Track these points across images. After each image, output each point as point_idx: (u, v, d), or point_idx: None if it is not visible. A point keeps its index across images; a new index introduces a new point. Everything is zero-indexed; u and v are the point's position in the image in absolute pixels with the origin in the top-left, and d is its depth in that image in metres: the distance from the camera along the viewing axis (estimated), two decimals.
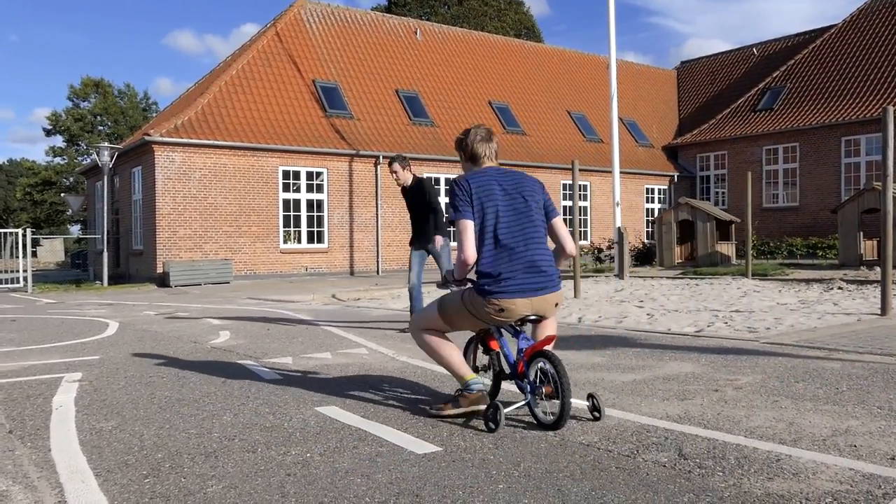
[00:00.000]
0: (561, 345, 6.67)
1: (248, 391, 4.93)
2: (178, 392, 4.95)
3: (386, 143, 22.50)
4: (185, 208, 19.04)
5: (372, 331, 8.23)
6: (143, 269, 20.16)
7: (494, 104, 26.99)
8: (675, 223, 19.26)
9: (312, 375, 5.47)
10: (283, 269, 20.44)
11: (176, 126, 19.13)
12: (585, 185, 27.07)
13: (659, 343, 6.70)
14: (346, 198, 21.57)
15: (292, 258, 20.73)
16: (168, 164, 18.83)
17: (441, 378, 5.20)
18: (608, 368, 5.45)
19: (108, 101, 50.89)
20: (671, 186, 30.22)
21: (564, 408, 3.52)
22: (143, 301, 13.98)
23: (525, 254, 3.57)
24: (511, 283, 3.53)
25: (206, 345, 7.37)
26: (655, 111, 33.52)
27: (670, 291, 12.69)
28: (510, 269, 3.54)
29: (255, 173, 20.02)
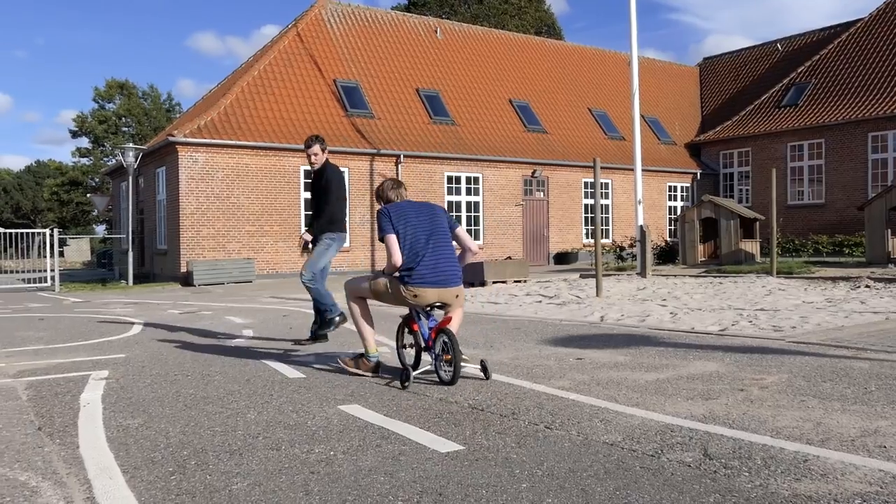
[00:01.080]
0: (583, 343, 6.65)
1: (271, 389, 4.96)
2: (203, 390, 5.00)
3: (407, 142, 22.53)
4: (208, 208, 19.20)
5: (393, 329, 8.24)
6: (168, 268, 20.36)
7: (515, 102, 26.92)
8: (699, 221, 19.09)
9: (335, 374, 5.49)
10: None
11: (199, 127, 19.30)
12: (607, 182, 26.92)
13: (682, 342, 6.65)
14: (368, 197, 21.63)
15: None
16: (191, 165, 19.00)
17: (462, 378, 5.19)
18: (631, 367, 5.41)
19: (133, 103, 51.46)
20: (694, 184, 29.97)
21: (456, 369, 4.83)
22: (167, 300, 14.12)
23: (432, 257, 4.93)
24: (421, 277, 4.90)
25: (229, 343, 7.42)
26: (678, 108, 33.26)
27: (694, 290, 12.59)
28: (421, 267, 4.89)
29: (277, 173, 20.15)
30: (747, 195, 29.34)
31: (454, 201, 23.36)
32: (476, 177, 23.77)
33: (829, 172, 26.59)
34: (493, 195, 24.06)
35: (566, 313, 9.41)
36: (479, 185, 23.85)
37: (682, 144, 31.35)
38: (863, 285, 12.02)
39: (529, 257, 24.08)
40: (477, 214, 23.85)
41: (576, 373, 5.27)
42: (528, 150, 25.19)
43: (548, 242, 25.46)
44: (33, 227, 55.26)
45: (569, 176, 25.96)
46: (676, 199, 29.58)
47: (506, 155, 24.24)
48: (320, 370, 5.67)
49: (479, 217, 23.89)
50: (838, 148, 26.37)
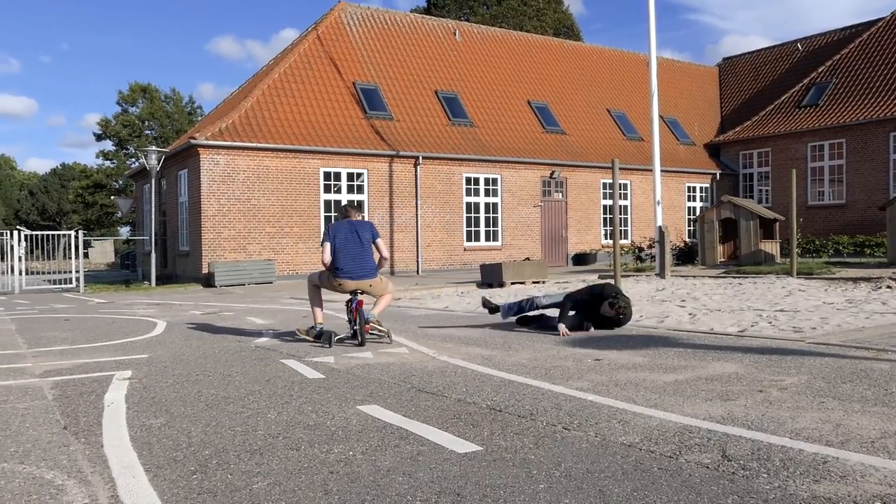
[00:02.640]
0: (601, 344, 6.63)
1: (291, 390, 5.00)
2: (224, 390, 5.04)
3: (425, 143, 22.57)
4: (229, 210, 19.35)
5: (412, 330, 8.27)
6: (190, 269, 20.54)
7: (533, 104, 26.87)
8: (718, 221, 18.95)
9: (354, 374, 5.52)
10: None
11: (220, 129, 19.45)
12: (626, 183, 26.79)
13: (701, 343, 6.61)
14: (387, 198, 21.69)
15: None
16: (213, 167, 19.16)
17: (481, 378, 5.20)
18: (650, 368, 5.39)
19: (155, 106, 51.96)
20: (713, 185, 29.74)
21: (362, 335, 7.00)
22: (189, 301, 14.25)
23: (350, 259, 7.17)
24: (343, 272, 7.18)
25: (250, 344, 7.48)
26: (697, 109, 33.02)
27: (713, 291, 12.50)
28: (341, 266, 7.16)
29: (297, 175, 20.26)
30: (767, 196, 29.06)
31: (473, 202, 23.36)
32: (495, 178, 23.76)
33: (850, 172, 26.28)
34: (512, 196, 24.03)
35: None
36: (498, 187, 23.83)
37: (702, 145, 31.11)
38: (884, 286, 11.87)
39: (548, 258, 24.02)
40: (495, 215, 23.83)
41: (594, 374, 5.25)
42: (547, 151, 25.13)
43: (566, 243, 25.39)
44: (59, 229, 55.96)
45: (587, 177, 25.87)
46: (695, 200, 29.37)
47: (524, 156, 24.21)
48: (339, 371, 5.70)
49: (497, 218, 23.86)
50: (859, 148, 26.05)
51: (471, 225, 23.39)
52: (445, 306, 11.93)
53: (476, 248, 23.32)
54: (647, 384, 4.82)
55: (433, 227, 22.52)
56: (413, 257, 22.15)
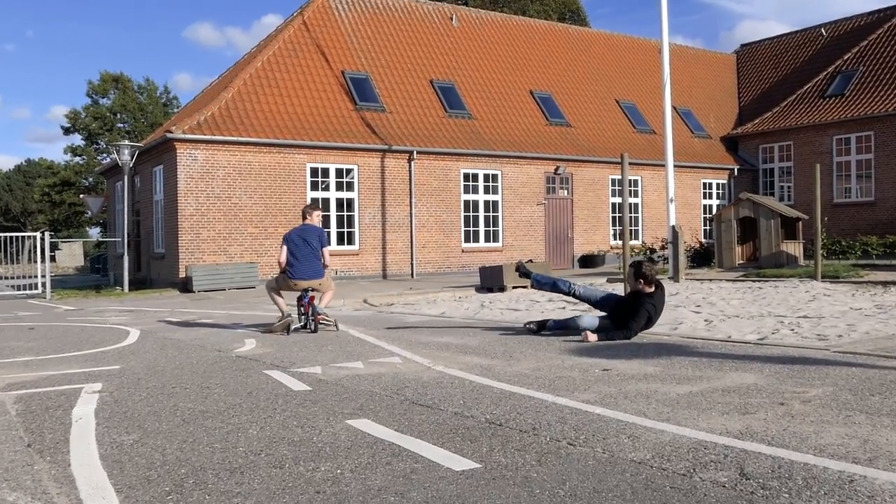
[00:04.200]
0: (609, 353, 6.64)
1: (274, 403, 5.00)
2: (202, 404, 5.04)
3: (420, 137, 22.59)
4: (208, 209, 19.34)
5: (406, 338, 8.27)
6: (165, 273, 20.52)
7: (536, 94, 26.91)
8: (736, 220, 18.98)
9: (343, 386, 5.51)
10: None
11: (198, 122, 19.45)
12: (636, 179, 26.83)
13: (718, 352, 6.62)
14: (378, 196, 21.71)
15: None
16: (190, 163, 19.15)
17: (480, 389, 5.21)
18: (661, 379, 5.39)
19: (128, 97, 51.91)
20: (731, 181, 29.79)
21: (315, 325, 8.96)
22: (164, 307, 14.24)
23: (304, 263, 9.09)
24: (296, 273, 9.06)
25: (230, 353, 7.48)
26: (713, 99, 33.09)
27: (730, 295, 12.51)
28: (295, 268, 9.07)
29: (282, 171, 20.26)
30: (789, 192, 29.11)
31: (471, 200, 23.38)
32: (495, 174, 23.78)
33: (880, 167, 26.33)
34: (513, 193, 24.06)
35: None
36: (498, 183, 23.85)
37: (718, 138, 31.17)
38: None
39: (552, 260, 24.04)
40: (495, 214, 23.85)
41: (602, 385, 5.26)
42: (551, 145, 25.16)
43: (572, 244, 25.42)
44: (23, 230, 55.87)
45: (595, 172, 25.90)
46: (712, 197, 29.42)
47: (527, 150, 24.24)
48: (327, 383, 5.70)
49: (497, 217, 23.88)
50: (889, 141, 26.11)
51: (469, 224, 23.42)
52: (442, 312, 11.92)
53: (475, 250, 23.34)
54: (659, 396, 4.82)
55: (429, 227, 22.53)
56: (407, 259, 22.16)
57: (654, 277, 7.79)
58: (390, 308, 13.53)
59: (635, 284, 7.83)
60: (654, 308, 7.63)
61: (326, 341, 8.20)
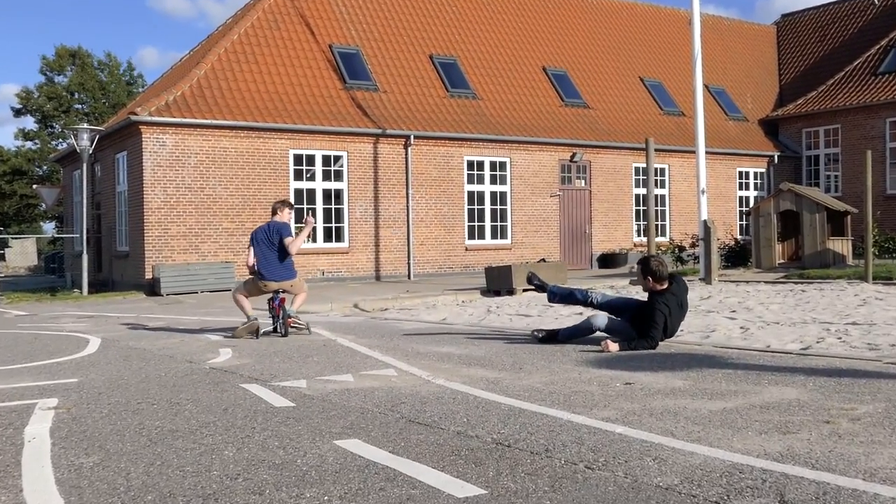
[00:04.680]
0: (632, 365, 6.64)
1: (253, 421, 5.00)
2: (171, 422, 5.04)
3: (418, 119, 22.59)
4: (178, 201, 19.36)
5: (402, 348, 8.28)
6: (129, 274, 20.54)
7: (550, 71, 26.91)
8: (776, 214, 18.97)
9: (330, 402, 5.52)
10: None
11: (167, 103, 19.46)
12: (663, 168, 26.82)
13: (755, 363, 6.62)
14: (371, 187, 21.72)
15: (306, 260, 20.93)
16: (158, 149, 19.17)
17: (486, 405, 5.21)
18: (692, 394, 5.40)
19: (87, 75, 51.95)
20: (770, 169, 29.79)
21: (286, 328, 9.46)
22: (129, 312, 14.25)
23: (272, 263, 9.66)
24: (267, 274, 9.61)
25: (203, 365, 7.49)
26: (750, 77, 33.08)
27: (770, 299, 12.51)
28: (264, 270, 9.62)
29: (262, 158, 20.27)
30: (836, 183, 29.10)
31: (476, 191, 23.39)
32: (502, 161, 23.79)
33: None
34: (524, 184, 24.07)
35: None
36: (507, 172, 23.86)
37: (756, 121, 31.16)
38: None
39: (568, 259, 24.06)
40: (503, 207, 23.85)
41: (623, 401, 5.26)
42: (567, 129, 25.16)
43: (590, 241, 25.43)
44: None
45: (616, 160, 25.90)
46: (748, 188, 29.42)
47: (539, 135, 24.24)
48: (312, 398, 5.70)
49: (506, 210, 23.89)
50: None
51: (474, 219, 23.43)
52: (443, 318, 11.92)
53: (480, 248, 23.35)
54: (689, 413, 4.83)
55: (428, 222, 22.54)
56: (403, 258, 22.17)
57: (666, 273, 7.74)
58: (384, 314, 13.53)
59: (645, 284, 7.81)
60: (668, 308, 7.58)
61: (311, 351, 8.21)
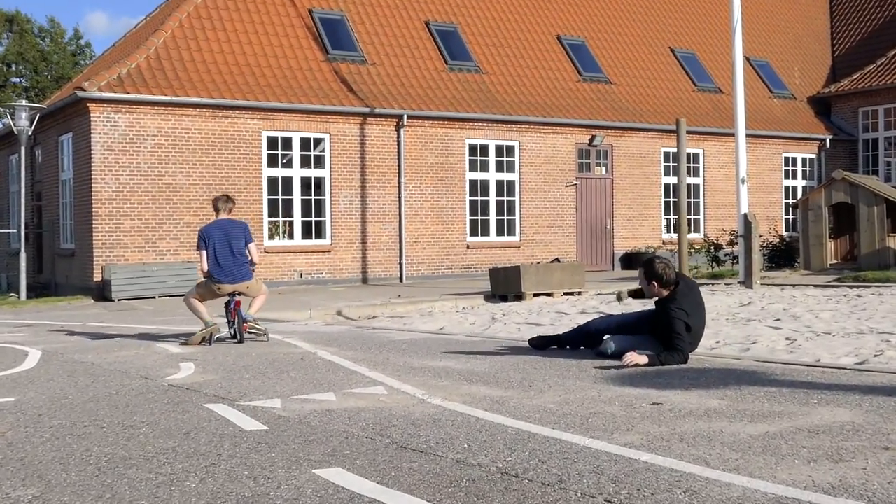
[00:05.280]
0: (660, 382, 6.64)
1: (219, 446, 5.00)
2: (124, 448, 5.04)
3: (412, 96, 22.57)
4: (132, 191, 19.33)
5: (393, 362, 8.27)
6: (76, 275, 20.52)
7: (565, 40, 26.89)
8: (828, 207, 18.98)
9: (309, 425, 5.51)
10: (268, 274, 20.64)
11: (119, 77, 19.43)
12: (696, 153, 26.81)
13: (803, 379, 6.62)
14: (357, 174, 21.69)
15: (281, 260, 20.93)
16: (109, 130, 19.14)
17: (490, 429, 5.21)
18: (729, 416, 5.40)
19: (26, 43, 51.92)
20: (821, 154, 29.78)
21: (241, 333, 10.08)
22: (74, 321, 14.22)
23: (226, 263, 10.09)
24: (221, 276, 10.08)
25: (161, 382, 7.47)
26: (798, 47, 33.08)
27: (820, 306, 12.51)
28: (220, 270, 10.08)
29: (231, 141, 20.25)
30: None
31: (479, 180, 23.38)
32: (510, 145, 23.78)
33: None
34: (535, 171, 24.05)
35: None
36: (515, 158, 23.85)
37: (805, 99, 31.16)
38: None
39: (586, 259, 24.06)
40: (511, 199, 23.84)
41: (650, 423, 5.26)
42: (585, 108, 25.15)
43: (612, 238, 25.41)
44: None
45: (642, 144, 25.89)
46: (796, 177, 29.42)
47: (552, 115, 24.23)
48: (288, 420, 5.70)
49: (513, 202, 23.88)
50: None
51: (476, 212, 23.42)
52: (440, 328, 11.91)
53: (484, 245, 23.35)
54: (726, 438, 4.83)
55: (423, 216, 22.53)
56: (394, 258, 22.16)
57: (674, 276, 7.73)
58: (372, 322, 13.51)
59: (651, 290, 7.82)
60: (685, 311, 7.59)
61: (287, 366, 8.20)
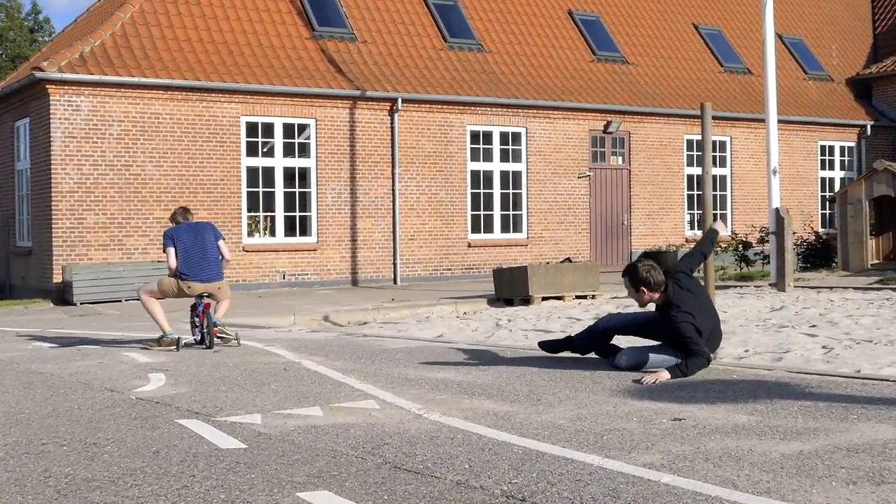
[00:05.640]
0: (682, 395, 6.63)
1: (193, 467, 4.99)
2: (86, 468, 5.03)
3: (408, 78, 22.54)
4: (96, 183, 19.30)
5: (386, 373, 8.27)
6: (33, 276, 20.50)
7: (577, 15, 26.87)
8: (868, 202, 18.97)
9: (293, 442, 5.50)
10: (247, 275, 20.64)
11: (82, 56, 19.40)
12: (723, 141, 26.79)
13: (841, 392, 6.62)
14: (346, 164, 21.67)
15: (261, 259, 20.90)
16: (71, 115, 19.11)
17: (494, 447, 5.20)
18: (759, 433, 5.39)
19: None
20: (861, 143, 29.77)
21: (211, 337, 10.33)
22: (31, 326, 14.20)
23: (197, 261, 10.55)
24: (193, 275, 10.50)
25: (128, 394, 7.46)
26: (835, 23, 33.06)
27: (860, 310, 12.50)
28: (190, 269, 10.51)
29: (206, 128, 20.22)
30: None
31: (482, 171, 23.36)
32: (517, 132, 23.76)
33: None
34: (543, 161, 24.03)
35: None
36: (522, 146, 23.83)
37: (843, 80, 31.14)
38: None
39: (600, 259, 24.05)
40: (517, 192, 23.82)
41: (671, 441, 5.26)
42: (599, 91, 25.13)
43: (629, 235, 25.40)
44: None
45: (663, 131, 25.87)
46: (833, 167, 29.41)
47: (563, 98, 24.21)
48: (270, 437, 5.69)
49: (520, 196, 23.85)
50: None
51: (479, 207, 23.41)
52: (438, 335, 11.90)
53: (487, 243, 23.33)
54: (755, 458, 4.82)
55: (419, 211, 22.51)
56: (387, 257, 22.14)
57: (661, 277, 7.71)
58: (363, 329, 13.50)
59: (641, 298, 7.85)
60: (691, 314, 7.59)
61: (268, 377, 8.18)
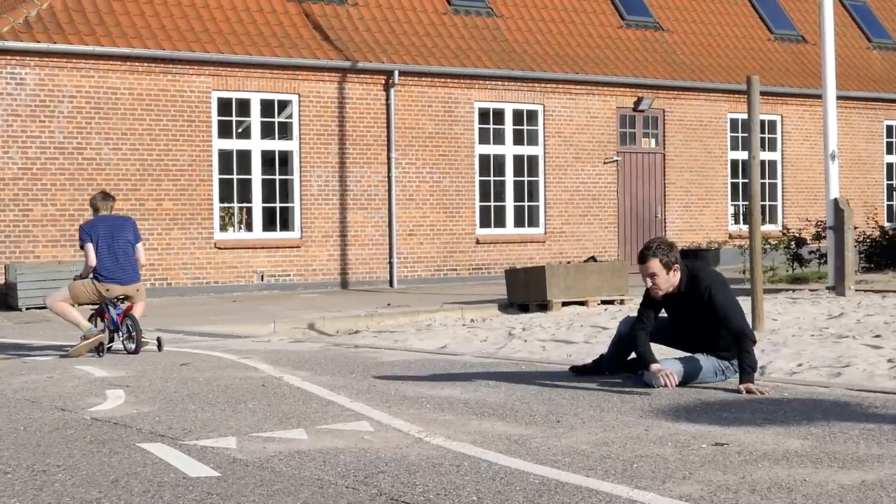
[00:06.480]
0: (724, 417, 6.64)
1: (157, 498, 5.00)
2: (34, 499, 5.04)
3: (406, 47, 22.53)
4: (44, 168, 19.32)
5: (381, 390, 8.29)
6: None
7: None
8: None
9: (273, 470, 5.51)
10: (220, 276, 20.64)
11: (27, 20, 19.40)
12: (773, 120, 26.75)
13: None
14: (334, 147, 21.66)
15: (236, 258, 20.91)
16: (14, 90, 19.13)
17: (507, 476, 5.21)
18: (814, 460, 5.40)
19: None
20: None
21: (138, 343, 11.33)
22: None
23: (116, 261, 11.60)
24: (111, 277, 11.55)
25: (83, 414, 7.47)
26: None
27: None
28: (108, 270, 11.53)
29: (171, 104, 20.22)
30: None
31: (492, 155, 23.34)
32: (533, 110, 23.75)
33: None
34: (564, 143, 24.02)
35: None
36: (538, 126, 23.82)
37: None
38: None
39: (629, 258, 24.00)
40: (533, 179, 23.79)
41: (712, 470, 5.26)
42: (629, 62, 25.11)
43: (663, 230, 25.36)
44: None
45: (703, 108, 25.84)
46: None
47: (587, 71, 24.19)
48: (247, 464, 5.69)
49: (536, 184, 23.82)
50: None
51: (489, 197, 23.41)
52: (442, 346, 11.90)
53: (498, 240, 23.33)
54: (810, 489, 4.83)
55: (420, 201, 22.50)
56: (382, 256, 22.13)
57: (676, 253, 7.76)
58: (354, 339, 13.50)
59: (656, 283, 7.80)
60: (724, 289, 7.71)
61: (244, 394, 8.18)
